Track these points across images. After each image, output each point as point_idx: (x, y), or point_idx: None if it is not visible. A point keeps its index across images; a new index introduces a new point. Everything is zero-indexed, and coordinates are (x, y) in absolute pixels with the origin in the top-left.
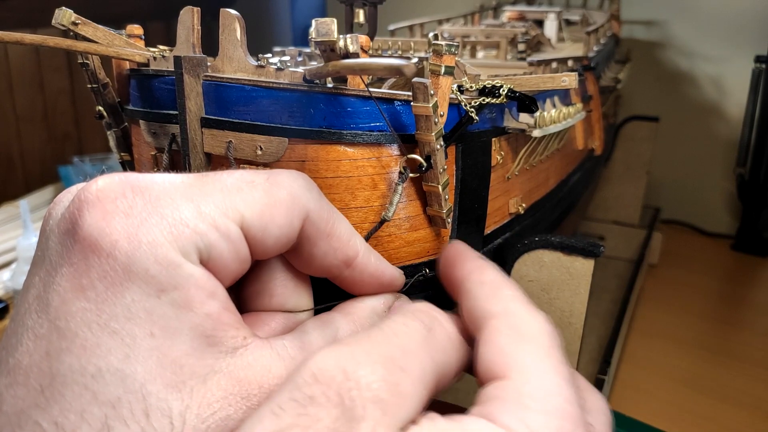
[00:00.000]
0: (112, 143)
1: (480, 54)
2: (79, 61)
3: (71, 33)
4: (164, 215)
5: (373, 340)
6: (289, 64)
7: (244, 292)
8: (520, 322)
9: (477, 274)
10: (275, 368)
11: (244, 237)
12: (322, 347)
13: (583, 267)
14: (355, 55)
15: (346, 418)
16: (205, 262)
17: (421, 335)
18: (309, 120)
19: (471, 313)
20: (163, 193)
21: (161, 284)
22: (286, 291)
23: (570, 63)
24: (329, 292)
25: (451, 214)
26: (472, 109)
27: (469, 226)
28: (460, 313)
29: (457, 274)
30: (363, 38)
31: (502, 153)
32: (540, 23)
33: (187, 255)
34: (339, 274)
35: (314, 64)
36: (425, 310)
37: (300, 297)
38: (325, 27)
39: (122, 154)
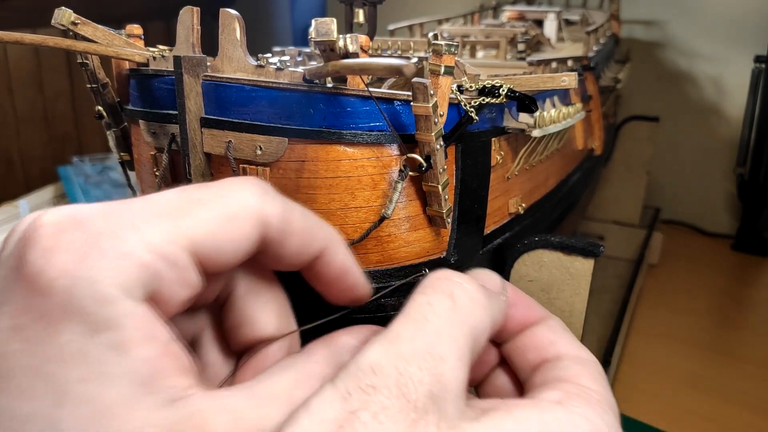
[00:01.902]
0: (111, 143)
1: (480, 54)
2: (78, 61)
3: (71, 33)
4: (105, 249)
5: (410, 331)
6: (288, 64)
7: (228, 327)
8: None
9: (557, 319)
10: (215, 424)
11: (197, 261)
12: (290, 387)
13: (583, 267)
14: (355, 55)
15: (411, 409)
16: (151, 296)
17: (447, 308)
18: (309, 120)
19: (553, 344)
20: (105, 226)
21: (96, 324)
22: (265, 316)
23: (570, 63)
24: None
25: (451, 213)
26: (472, 109)
27: (469, 226)
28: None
29: (533, 314)
30: (363, 38)
31: (502, 153)
32: (540, 23)
33: (128, 291)
34: (310, 267)
35: (314, 64)
36: (442, 277)
37: (282, 319)
38: (324, 27)
39: (122, 154)
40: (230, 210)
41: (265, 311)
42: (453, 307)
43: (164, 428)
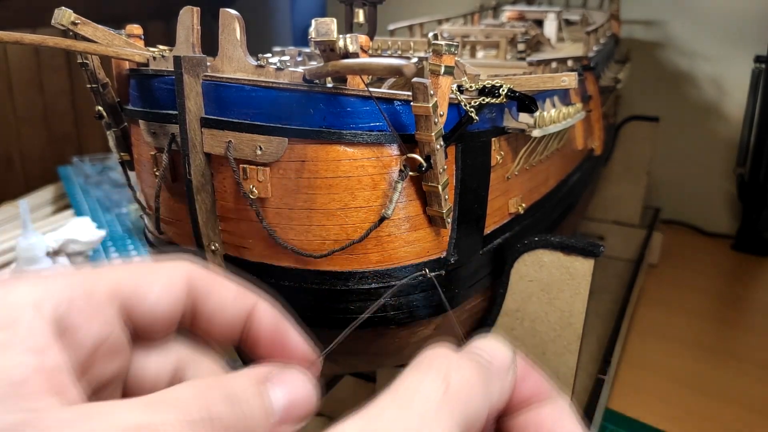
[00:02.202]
0: (111, 143)
1: (480, 54)
2: (78, 61)
3: (71, 33)
4: (28, 277)
5: (395, 409)
6: (288, 64)
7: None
8: None
9: (564, 399)
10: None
11: (118, 302)
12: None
13: (583, 267)
14: (355, 55)
15: None
16: (60, 320)
17: (439, 391)
18: (309, 120)
19: (559, 427)
20: (35, 273)
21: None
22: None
23: (570, 63)
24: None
25: (451, 213)
26: (472, 109)
27: (469, 226)
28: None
29: (542, 389)
30: (363, 38)
31: (502, 153)
32: (540, 23)
33: (37, 306)
34: (244, 330)
35: (314, 64)
36: (440, 355)
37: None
38: (324, 27)
39: (122, 154)
40: (155, 264)
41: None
42: (446, 391)
43: (8, 424)
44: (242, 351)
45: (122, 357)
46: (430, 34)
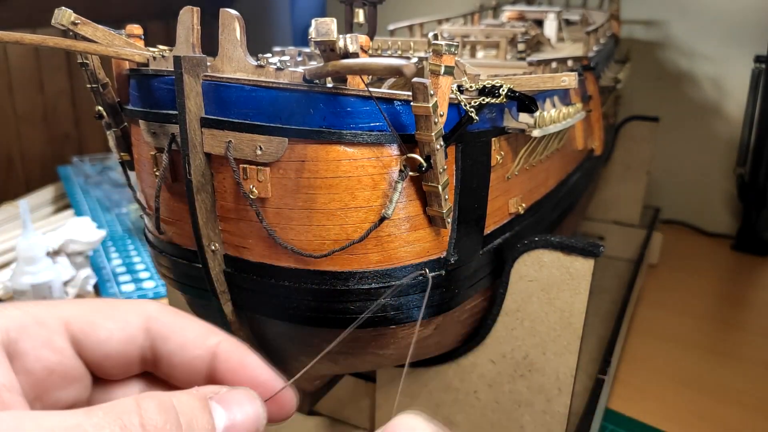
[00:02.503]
0: (111, 143)
1: (480, 54)
2: (78, 61)
3: (71, 33)
4: None
5: None
6: (288, 64)
7: None
8: None
9: None
10: None
11: (70, 332)
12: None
13: (583, 267)
14: (355, 55)
15: None
16: (10, 344)
17: None
18: (309, 120)
19: None
20: None
21: None
22: None
23: (570, 63)
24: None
25: (451, 214)
26: (472, 109)
27: (469, 226)
28: None
29: None
30: (363, 38)
31: (502, 153)
32: (540, 23)
33: None
34: (209, 373)
35: (314, 64)
36: None
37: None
38: (324, 27)
39: (122, 154)
40: (114, 302)
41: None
42: None
43: None
44: None
45: (79, 385)
46: (430, 34)
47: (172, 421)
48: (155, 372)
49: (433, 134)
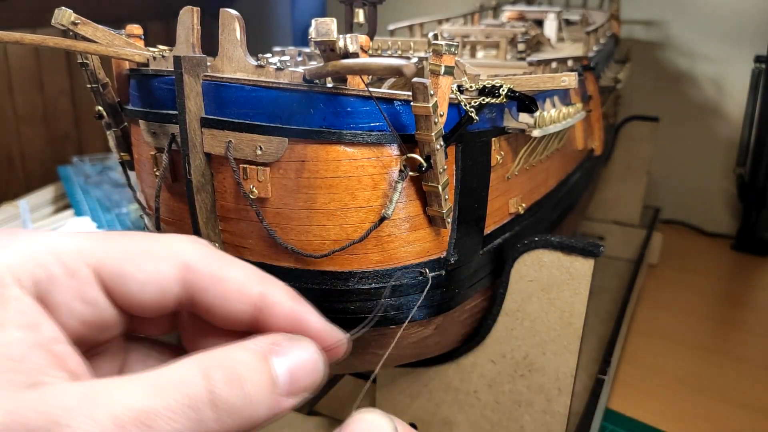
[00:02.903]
0: (111, 143)
1: (480, 54)
2: (78, 61)
3: (71, 33)
4: (15, 246)
5: None
6: (288, 64)
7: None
8: None
9: None
10: (61, 403)
11: (101, 281)
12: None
13: (583, 267)
14: (355, 55)
15: None
16: (43, 295)
17: None
18: (309, 120)
19: None
20: (27, 233)
21: None
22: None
23: (570, 63)
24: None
25: (451, 214)
26: (472, 109)
27: (469, 226)
28: None
29: None
30: (363, 38)
31: (502, 153)
32: (540, 23)
33: (19, 281)
34: (253, 321)
35: (314, 64)
36: None
37: None
38: (324, 27)
39: (122, 154)
40: (148, 246)
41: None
42: None
43: (17, 404)
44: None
45: (114, 327)
46: (430, 34)
47: (238, 392)
48: (193, 312)
49: (433, 134)
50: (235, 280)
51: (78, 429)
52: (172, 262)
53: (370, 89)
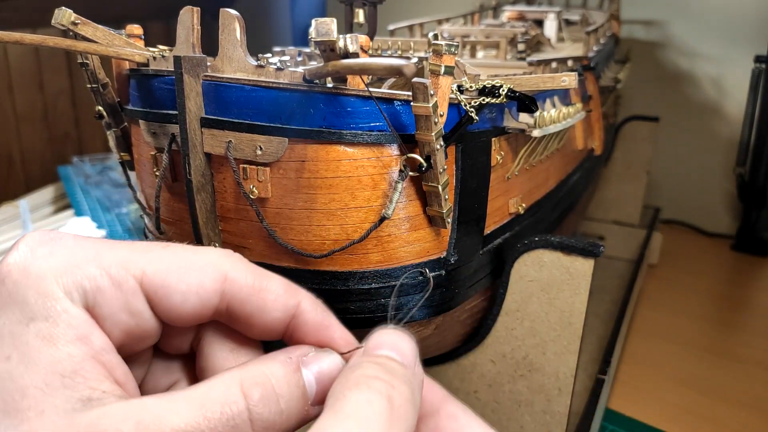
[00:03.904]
0: (111, 143)
1: (480, 54)
2: (78, 61)
3: (71, 33)
4: (62, 257)
5: (350, 429)
6: (288, 64)
7: (198, 375)
8: None
9: (458, 403)
10: (115, 426)
11: (145, 292)
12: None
13: (583, 267)
14: (355, 55)
15: None
16: (91, 307)
17: (386, 410)
18: (309, 120)
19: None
20: (71, 240)
21: (33, 313)
22: (228, 364)
23: (570, 63)
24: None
25: (451, 214)
26: (472, 109)
27: (469, 226)
28: (421, 428)
29: (432, 392)
30: (363, 38)
31: (502, 153)
32: (540, 23)
33: (69, 293)
34: (285, 330)
35: (314, 64)
36: (374, 374)
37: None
38: (324, 27)
39: (122, 154)
40: (190, 258)
41: (229, 360)
42: (391, 410)
43: (69, 418)
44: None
45: (152, 338)
46: (430, 34)
47: (275, 409)
48: (228, 323)
49: (433, 134)
50: (274, 291)
51: None
52: (212, 275)
53: (370, 89)
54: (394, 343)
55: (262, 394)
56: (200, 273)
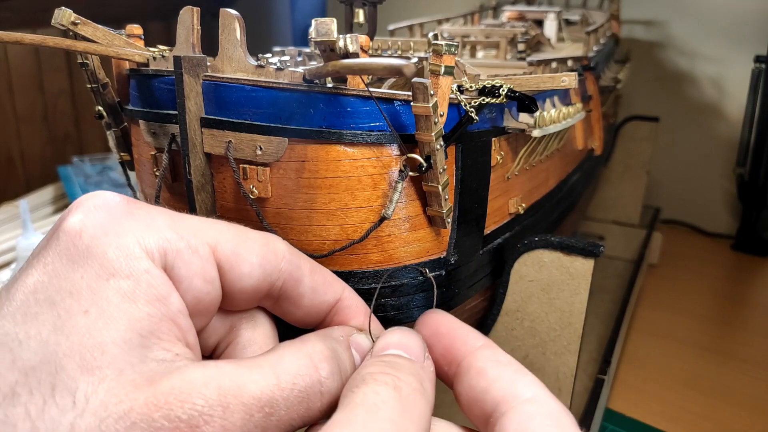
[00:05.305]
0: (111, 143)
1: (480, 54)
2: (78, 61)
3: (71, 33)
4: (139, 218)
5: (363, 420)
6: (288, 64)
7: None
8: (555, 412)
9: (490, 353)
10: (197, 390)
11: (216, 261)
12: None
13: (583, 267)
14: (355, 55)
15: None
16: (169, 269)
17: (395, 399)
18: (309, 120)
19: (489, 392)
20: (146, 207)
21: (114, 269)
22: (256, 341)
23: (570, 63)
24: None
25: (451, 214)
26: (472, 109)
27: (469, 226)
28: (458, 388)
29: (460, 349)
30: (363, 38)
31: (502, 153)
32: (540, 23)
33: (150, 253)
34: (329, 312)
35: (314, 64)
36: (381, 369)
37: (269, 344)
38: (324, 27)
39: (122, 154)
40: (253, 236)
41: (255, 338)
42: (400, 399)
43: (147, 378)
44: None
45: (215, 308)
46: (430, 34)
47: (339, 383)
48: (270, 309)
49: (433, 134)
50: (321, 273)
51: (217, 418)
52: (275, 251)
53: (370, 89)
54: (399, 342)
55: (330, 369)
56: (266, 248)
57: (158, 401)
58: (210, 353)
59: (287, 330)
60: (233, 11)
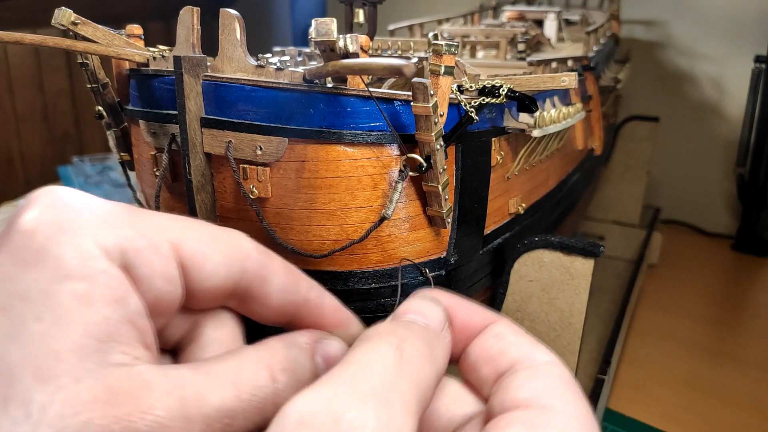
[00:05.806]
0: (111, 143)
1: (480, 54)
2: (78, 61)
3: (71, 33)
4: (97, 215)
5: (351, 376)
6: (288, 64)
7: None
8: (570, 376)
9: (509, 323)
10: (159, 401)
11: (179, 260)
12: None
13: (583, 267)
14: (355, 55)
15: None
16: (128, 269)
17: (394, 359)
18: (309, 120)
19: (506, 353)
20: (105, 204)
21: (69, 270)
22: (217, 338)
23: (570, 63)
24: None
25: (451, 214)
26: (472, 109)
27: (469, 226)
28: (468, 350)
29: (479, 322)
30: (363, 38)
31: (502, 153)
32: (540, 23)
33: (107, 252)
34: (298, 311)
35: (314, 64)
36: (388, 330)
37: (232, 343)
38: (324, 27)
39: (122, 153)
40: (218, 233)
41: (218, 337)
42: (400, 360)
43: (103, 386)
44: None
45: (174, 310)
46: (430, 34)
47: (293, 387)
48: (237, 308)
49: (433, 134)
50: (287, 271)
51: (178, 430)
52: (239, 248)
53: (370, 89)
54: (419, 309)
55: (288, 379)
56: (231, 247)
57: (118, 412)
58: (171, 348)
59: (256, 328)
60: (233, 11)
